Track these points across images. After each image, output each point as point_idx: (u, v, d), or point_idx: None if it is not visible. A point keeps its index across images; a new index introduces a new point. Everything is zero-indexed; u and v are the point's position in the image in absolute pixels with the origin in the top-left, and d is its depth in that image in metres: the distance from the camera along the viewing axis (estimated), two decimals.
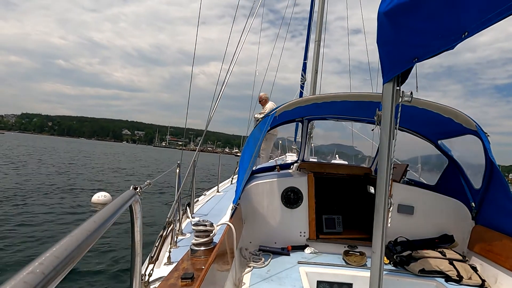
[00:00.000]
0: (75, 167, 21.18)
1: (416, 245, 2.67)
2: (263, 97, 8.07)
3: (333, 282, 2.38)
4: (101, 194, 10.25)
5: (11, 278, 0.40)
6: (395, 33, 1.29)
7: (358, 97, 2.77)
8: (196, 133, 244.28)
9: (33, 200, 9.67)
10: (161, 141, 45.19)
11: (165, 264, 2.14)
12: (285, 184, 2.97)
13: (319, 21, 7.84)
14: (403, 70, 1.36)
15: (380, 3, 1.25)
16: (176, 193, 2.71)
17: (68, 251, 0.52)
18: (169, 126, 41.34)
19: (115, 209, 0.84)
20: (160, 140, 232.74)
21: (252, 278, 2.21)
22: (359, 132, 6.08)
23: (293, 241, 2.89)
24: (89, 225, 0.65)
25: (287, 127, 7.24)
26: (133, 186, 1.25)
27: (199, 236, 1.70)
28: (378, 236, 1.46)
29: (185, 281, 1.28)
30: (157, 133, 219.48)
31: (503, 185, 2.41)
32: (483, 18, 1.03)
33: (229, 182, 6.28)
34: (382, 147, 1.45)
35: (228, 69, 3.80)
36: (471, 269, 2.43)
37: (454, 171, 3.06)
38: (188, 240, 2.65)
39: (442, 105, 2.52)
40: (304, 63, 9.43)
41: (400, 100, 1.40)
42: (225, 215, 3.18)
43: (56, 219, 7.89)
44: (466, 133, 2.64)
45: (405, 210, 2.87)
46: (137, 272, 1.18)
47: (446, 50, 1.20)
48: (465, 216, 2.77)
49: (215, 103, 3.57)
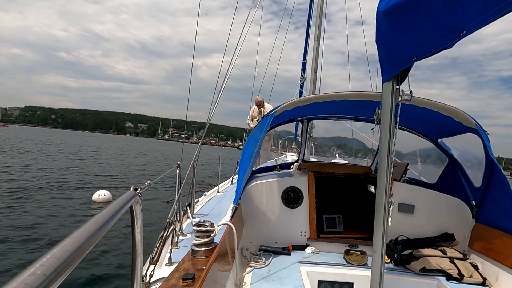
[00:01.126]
0: (88, 163, 21.36)
1: (417, 244, 2.68)
2: (261, 100, 7.97)
3: (334, 282, 2.38)
4: (101, 193, 10.27)
5: (12, 280, 0.41)
6: (394, 32, 1.29)
7: (358, 96, 2.77)
8: (199, 126, 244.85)
9: (51, 197, 9.84)
10: (164, 134, 45.03)
11: (166, 265, 2.14)
12: (286, 184, 2.97)
13: (318, 21, 7.84)
14: (402, 69, 1.36)
15: (379, 2, 1.25)
16: (176, 194, 2.71)
17: (69, 252, 0.52)
18: (172, 119, 41.01)
19: (116, 210, 0.84)
20: (163, 133, 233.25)
21: (253, 278, 2.21)
22: (359, 131, 6.09)
23: (293, 240, 2.89)
24: (89, 226, 0.65)
25: (287, 127, 7.25)
26: (134, 187, 1.25)
27: (199, 237, 1.70)
28: (378, 235, 1.46)
29: (186, 281, 1.28)
30: (160, 125, 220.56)
31: (504, 183, 2.41)
32: (481, 16, 1.03)
33: (230, 182, 6.29)
34: (382, 146, 1.45)
35: (231, 62, 3.75)
36: (472, 268, 2.43)
37: (455, 170, 3.06)
38: (188, 240, 2.65)
39: (442, 104, 2.52)
40: (303, 63, 9.44)
41: (400, 99, 1.40)
42: (226, 215, 3.18)
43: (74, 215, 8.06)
44: (466, 132, 2.64)
45: (406, 209, 2.87)
46: (138, 273, 1.18)
47: (445, 48, 1.20)
48: (466, 214, 2.77)
49: (217, 96, 3.52)
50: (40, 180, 12.56)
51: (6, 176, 12.58)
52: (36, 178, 12.91)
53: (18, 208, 8.36)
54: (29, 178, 12.79)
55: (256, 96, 7.99)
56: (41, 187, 11.25)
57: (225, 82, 3.55)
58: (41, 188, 11.17)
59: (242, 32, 4.02)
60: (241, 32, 4.02)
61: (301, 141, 4.78)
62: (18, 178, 12.43)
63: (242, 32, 4.02)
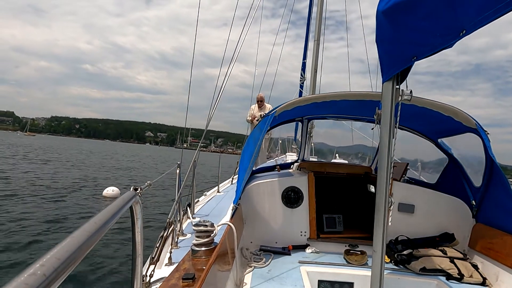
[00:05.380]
0: (126, 170, 22.58)
1: (417, 244, 2.68)
2: (263, 97, 8.03)
3: (334, 282, 2.38)
4: (110, 189, 11.05)
5: (13, 280, 0.41)
6: (393, 31, 1.29)
7: (358, 96, 2.77)
8: (217, 135, 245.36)
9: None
10: (183, 143, 45.06)
11: (166, 265, 2.14)
12: (286, 184, 2.97)
13: (318, 21, 7.85)
14: (402, 68, 1.36)
15: (379, 2, 1.25)
16: (176, 194, 2.71)
17: (69, 253, 0.52)
18: (190, 128, 41.38)
19: (116, 210, 0.84)
20: (181, 142, 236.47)
21: (253, 278, 2.21)
22: (359, 131, 6.09)
23: (294, 240, 2.89)
24: (90, 226, 0.65)
25: (287, 127, 7.26)
26: (134, 187, 1.25)
27: (200, 237, 1.70)
28: (379, 235, 1.46)
29: (186, 281, 1.28)
30: (179, 135, 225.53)
31: (503, 183, 2.41)
32: (480, 16, 1.03)
33: (230, 182, 6.29)
34: (382, 146, 1.45)
35: (229, 66, 3.79)
36: (472, 267, 2.43)
37: (455, 170, 3.06)
38: (189, 240, 2.65)
39: (442, 104, 2.52)
40: (303, 63, 9.45)
41: (400, 99, 1.40)
42: (226, 215, 3.18)
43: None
44: (466, 131, 2.64)
45: (406, 209, 2.87)
46: (138, 273, 1.18)
47: (445, 48, 1.20)
48: (466, 214, 2.77)
49: (215, 102, 3.58)
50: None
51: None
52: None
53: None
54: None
55: (259, 93, 8.03)
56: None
57: (223, 87, 3.60)
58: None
59: (239, 37, 4.06)
60: (239, 37, 4.06)
61: (301, 141, 4.78)
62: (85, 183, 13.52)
63: (239, 37, 4.06)
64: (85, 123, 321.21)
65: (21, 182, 12.19)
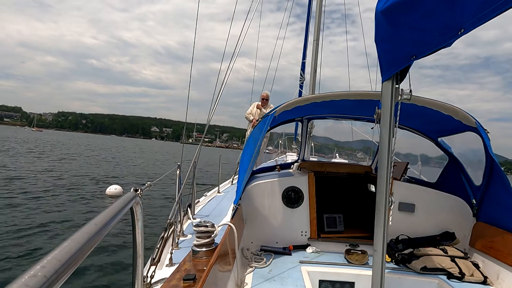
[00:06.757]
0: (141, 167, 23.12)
1: (418, 243, 2.67)
2: (268, 96, 7.66)
3: (335, 281, 2.38)
4: (113, 187, 11.11)
5: (13, 282, 0.41)
6: (392, 31, 1.29)
7: (357, 95, 2.77)
8: (222, 130, 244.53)
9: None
10: (188, 138, 44.60)
11: (167, 266, 2.14)
12: (286, 184, 2.97)
13: (317, 20, 7.84)
14: (402, 67, 1.36)
15: (378, 1, 1.25)
16: (176, 194, 2.71)
17: (69, 254, 0.52)
18: (196, 123, 41.55)
19: (116, 212, 0.84)
20: (187, 137, 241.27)
21: (254, 278, 2.21)
22: (359, 131, 6.09)
23: (294, 240, 2.89)
24: (90, 227, 0.65)
25: (287, 127, 7.24)
26: (134, 188, 1.25)
27: (200, 237, 1.70)
28: (379, 234, 1.46)
29: (187, 282, 1.28)
30: (184, 130, 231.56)
31: (504, 182, 2.41)
32: (479, 14, 1.03)
33: (230, 183, 6.29)
34: (382, 145, 1.45)
35: (231, 60, 3.80)
36: (473, 266, 2.43)
37: (455, 168, 3.06)
38: (189, 241, 2.65)
39: (441, 103, 2.52)
40: (302, 63, 9.45)
41: (400, 98, 1.40)
42: (226, 216, 3.18)
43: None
44: (466, 130, 2.64)
45: (406, 208, 2.87)
46: (139, 273, 1.18)
47: (444, 47, 1.20)
48: (466, 213, 2.77)
49: (217, 96, 3.59)
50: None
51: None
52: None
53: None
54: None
55: (265, 91, 7.71)
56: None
57: (225, 81, 3.59)
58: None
59: (241, 31, 4.04)
60: (240, 31, 4.05)
61: (301, 141, 4.78)
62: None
63: (241, 31, 4.04)
64: (92, 118, 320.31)
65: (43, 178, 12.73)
